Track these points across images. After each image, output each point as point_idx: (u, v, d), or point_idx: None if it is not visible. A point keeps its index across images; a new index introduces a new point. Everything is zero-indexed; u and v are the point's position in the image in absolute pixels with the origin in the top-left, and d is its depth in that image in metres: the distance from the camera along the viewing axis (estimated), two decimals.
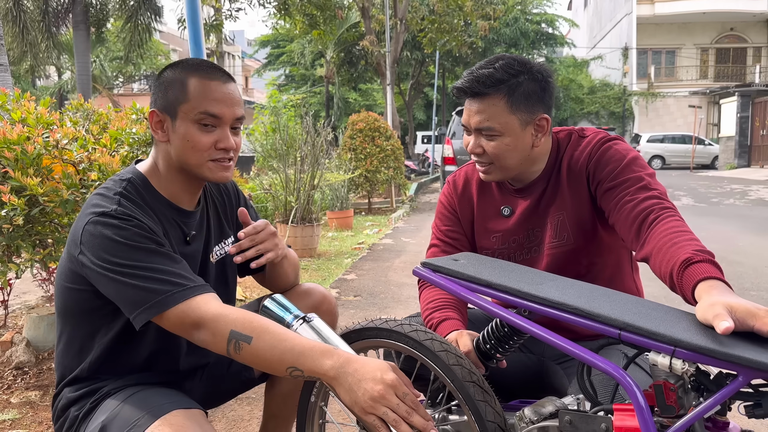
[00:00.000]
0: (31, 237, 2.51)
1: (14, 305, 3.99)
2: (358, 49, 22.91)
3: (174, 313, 1.17)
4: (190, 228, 1.40)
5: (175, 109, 1.29)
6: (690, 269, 1.06)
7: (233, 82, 1.35)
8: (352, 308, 4.05)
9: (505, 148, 1.42)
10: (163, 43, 30.88)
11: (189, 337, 1.19)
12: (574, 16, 37.55)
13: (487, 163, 1.47)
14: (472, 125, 1.44)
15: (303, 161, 6.26)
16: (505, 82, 1.39)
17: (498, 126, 1.40)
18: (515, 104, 1.39)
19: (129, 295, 1.18)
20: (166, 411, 1.17)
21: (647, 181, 1.34)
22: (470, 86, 1.41)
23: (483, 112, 1.41)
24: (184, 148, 1.29)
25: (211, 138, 1.30)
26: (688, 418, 0.89)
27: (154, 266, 1.19)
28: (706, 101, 27.23)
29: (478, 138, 1.45)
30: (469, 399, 1.14)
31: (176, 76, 1.31)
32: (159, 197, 1.34)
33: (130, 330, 1.26)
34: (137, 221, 1.22)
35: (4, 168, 2.31)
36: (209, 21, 13.55)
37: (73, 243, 1.25)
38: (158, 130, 1.32)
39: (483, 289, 1.17)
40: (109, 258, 1.18)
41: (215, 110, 1.28)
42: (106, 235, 1.19)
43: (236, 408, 2.43)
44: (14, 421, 2.28)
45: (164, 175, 1.35)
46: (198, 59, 1.36)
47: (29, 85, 24.25)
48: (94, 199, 1.27)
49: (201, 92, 1.28)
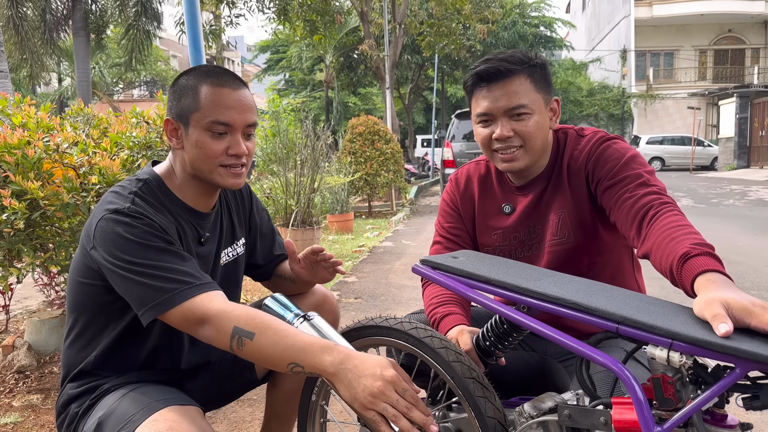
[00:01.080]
0: (32, 241, 2.52)
1: (15, 310, 4.00)
2: (357, 54, 22.97)
3: (180, 311, 1.18)
4: (204, 230, 1.42)
5: (188, 117, 1.30)
6: (689, 263, 1.07)
7: (245, 89, 1.35)
8: (353, 310, 4.05)
9: (536, 125, 1.44)
10: (162, 49, 30.96)
11: (194, 334, 1.21)
12: (572, 18, 37.60)
13: (517, 146, 1.45)
14: (500, 109, 1.43)
15: (303, 165, 6.27)
16: (526, 63, 1.43)
17: (529, 102, 1.42)
18: (537, 84, 1.44)
19: (137, 292, 1.20)
20: (162, 407, 1.19)
21: (646, 178, 1.35)
22: (496, 65, 1.42)
23: (513, 92, 1.42)
24: (196, 155, 1.31)
25: (222, 145, 1.31)
26: (685, 411, 0.89)
27: (163, 264, 1.21)
28: (704, 103, 27.26)
29: (507, 122, 1.44)
30: (469, 395, 1.15)
31: (189, 83, 1.32)
32: (174, 199, 1.36)
33: (137, 325, 1.28)
34: (148, 220, 1.24)
35: (5, 172, 2.32)
36: (207, 27, 13.58)
37: (86, 237, 1.27)
38: (173, 138, 1.34)
39: (482, 285, 1.17)
40: (119, 255, 1.20)
41: (225, 118, 1.29)
42: (117, 232, 1.21)
43: (237, 409, 2.43)
44: (16, 424, 2.29)
45: (180, 180, 1.37)
46: (212, 66, 1.37)
47: (29, 92, 24.30)
48: (109, 197, 1.29)
49: (212, 100, 1.29)
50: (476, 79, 1.45)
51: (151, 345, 1.37)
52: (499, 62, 1.42)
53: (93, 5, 13.33)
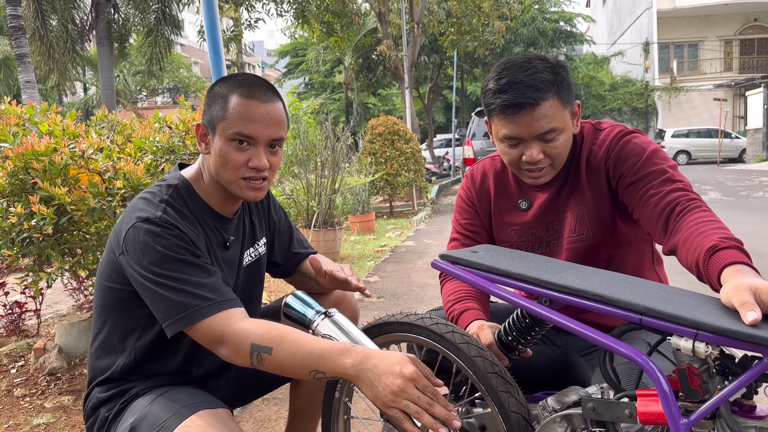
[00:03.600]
0: (60, 246, 2.57)
1: (46, 314, 4.09)
2: (376, 55, 22.98)
3: (201, 328, 1.20)
4: (228, 233, 1.43)
5: (215, 125, 1.31)
6: (715, 256, 1.05)
7: (277, 102, 1.33)
8: (376, 309, 4.06)
9: (565, 143, 1.40)
10: (184, 56, 31.38)
11: (214, 351, 1.23)
12: (592, 12, 37.18)
13: (546, 165, 1.41)
14: (532, 134, 1.36)
15: (324, 166, 6.30)
16: (553, 83, 1.35)
17: (560, 125, 1.37)
18: (564, 98, 1.38)
19: (161, 305, 1.22)
20: (193, 411, 1.21)
21: (670, 174, 1.32)
22: (526, 98, 1.33)
23: (545, 116, 1.34)
24: (219, 163, 1.32)
25: (244, 156, 1.31)
26: (712, 402, 0.88)
27: (188, 278, 1.22)
28: (731, 94, 26.71)
29: (538, 144, 1.38)
30: (492, 390, 1.14)
31: (222, 91, 1.32)
32: (202, 204, 1.37)
33: (164, 337, 1.30)
34: (178, 231, 1.25)
35: (33, 179, 2.38)
36: (228, 32, 13.72)
37: (115, 242, 1.29)
38: (202, 143, 1.35)
39: (502, 279, 1.17)
40: (147, 265, 1.22)
41: (248, 131, 1.29)
42: (147, 241, 1.22)
43: (263, 408, 2.45)
44: (48, 425, 2.34)
45: (207, 184, 1.38)
46: (249, 76, 1.36)
47: (56, 101, 24.82)
48: (140, 203, 1.30)
49: (238, 111, 1.29)
50: (502, 108, 1.36)
51: (182, 355, 1.39)
52: (527, 90, 1.32)
53: (116, 15, 13.55)
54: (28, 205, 2.35)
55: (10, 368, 2.96)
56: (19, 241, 2.44)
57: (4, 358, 3.09)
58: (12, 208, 2.43)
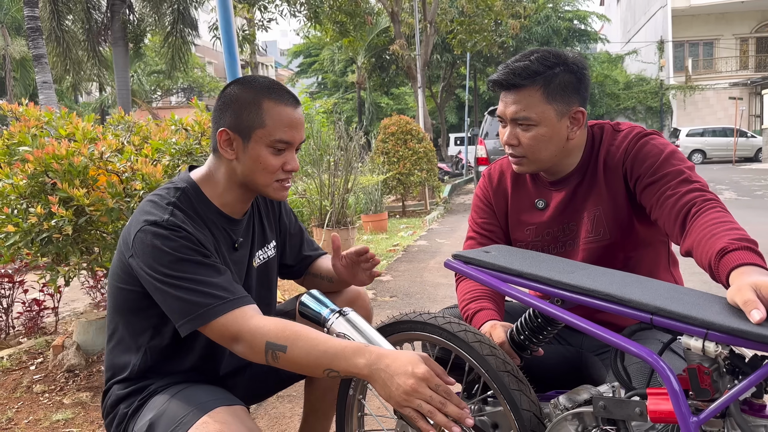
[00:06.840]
0: (78, 245, 2.62)
1: (64, 312, 4.16)
2: (388, 54, 22.99)
3: (215, 326, 1.22)
4: (237, 235, 1.45)
5: (250, 133, 1.32)
6: (726, 257, 1.06)
7: (300, 105, 1.39)
8: (389, 309, 4.08)
9: (540, 138, 1.43)
10: (198, 56, 31.57)
11: (230, 348, 1.25)
12: (606, 11, 36.90)
13: (519, 155, 1.47)
14: (507, 116, 1.45)
15: (336, 166, 6.33)
16: (541, 74, 1.40)
17: (534, 116, 1.41)
18: (551, 95, 1.40)
19: (174, 306, 1.23)
20: (211, 408, 1.23)
21: (688, 174, 1.33)
22: (506, 78, 1.43)
23: (519, 102, 1.42)
24: (254, 168, 1.34)
25: (280, 161, 1.35)
26: (722, 401, 0.89)
27: (199, 278, 1.24)
28: (747, 92, 26.40)
29: (513, 129, 1.46)
30: (504, 388, 1.16)
31: (249, 97, 1.32)
32: (211, 206, 1.39)
33: (179, 336, 1.32)
34: (186, 233, 1.27)
35: (53, 180, 2.42)
36: (241, 32, 13.80)
37: (125, 245, 1.31)
38: (227, 149, 1.35)
39: (514, 279, 1.18)
40: (157, 267, 1.23)
41: (288, 137, 1.33)
42: (155, 244, 1.24)
43: (278, 405, 2.48)
44: (67, 420, 2.39)
45: (223, 187, 1.39)
46: (266, 79, 1.38)
47: (72, 101, 25.08)
48: (147, 206, 1.32)
49: (278, 120, 1.32)
50: (492, 84, 1.48)
51: (198, 353, 1.41)
52: (510, 74, 1.42)
53: (131, 15, 13.68)
54: (48, 206, 2.39)
55: (29, 365, 3.02)
56: (38, 241, 2.48)
57: (24, 355, 3.16)
58: (32, 209, 2.48)
